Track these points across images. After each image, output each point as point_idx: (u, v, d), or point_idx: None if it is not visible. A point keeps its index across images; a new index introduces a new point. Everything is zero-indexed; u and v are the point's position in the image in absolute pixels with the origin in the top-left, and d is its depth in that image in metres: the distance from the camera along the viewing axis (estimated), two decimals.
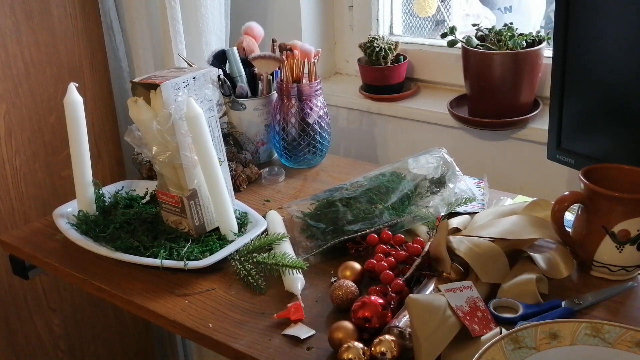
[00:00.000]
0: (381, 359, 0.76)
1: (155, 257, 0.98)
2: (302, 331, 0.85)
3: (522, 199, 1.13)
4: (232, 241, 1.03)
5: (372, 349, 0.76)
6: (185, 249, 0.99)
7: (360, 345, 0.77)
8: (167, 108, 0.99)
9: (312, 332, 0.85)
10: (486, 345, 0.71)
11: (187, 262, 0.97)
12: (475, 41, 1.33)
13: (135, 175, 1.34)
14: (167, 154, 1.01)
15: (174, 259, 0.98)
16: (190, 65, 1.30)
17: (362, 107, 1.55)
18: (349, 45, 1.66)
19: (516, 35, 1.30)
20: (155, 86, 0.99)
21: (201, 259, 0.98)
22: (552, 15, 1.14)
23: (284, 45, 1.29)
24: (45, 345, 1.63)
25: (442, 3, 1.56)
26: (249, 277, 0.95)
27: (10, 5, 1.40)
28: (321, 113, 1.30)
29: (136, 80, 1.03)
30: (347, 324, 0.81)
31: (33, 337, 1.60)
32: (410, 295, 0.80)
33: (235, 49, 1.33)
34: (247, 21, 1.37)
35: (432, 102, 1.48)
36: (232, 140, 1.32)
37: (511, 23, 1.34)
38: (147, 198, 1.16)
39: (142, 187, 1.19)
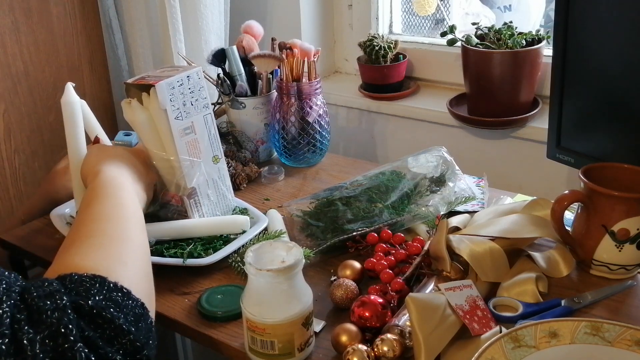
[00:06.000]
0: (384, 358, 0.76)
1: (159, 256, 0.98)
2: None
3: (521, 198, 1.13)
4: (234, 238, 1.03)
5: (375, 348, 0.76)
6: (190, 247, 0.99)
7: (365, 347, 0.76)
8: (163, 108, 0.98)
9: (323, 322, 0.86)
10: (486, 344, 0.71)
11: (190, 259, 0.97)
12: (475, 40, 1.33)
13: None
14: (164, 154, 1.01)
15: (178, 257, 0.98)
16: (190, 64, 1.29)
17: (361, 105, 1.55)
18: (349, 44, 1.66)
19: (516, 34, 1.30)
20: (149, 87, 0.97)
21: (204, 257, 0.98)
22: (552, 14, 1.14)
23: (284, 44, 1.29)
24: None
25: (442, 2, 1.56)
26: None
27: (9, 4, 1.39)
28: (321, 112, 1.30)
29: (129, 81, 1.01)
30: (351, 327, 0.81)
31: None
32: (410, 294, 0.80)
33: (234, 47, 1.33)
34: (247, 20, 1.37)
35: (432, 101, 1.48)
36: (231, 139, 1.32)
37: (511, 22, 1.34)
38: None
39: None
